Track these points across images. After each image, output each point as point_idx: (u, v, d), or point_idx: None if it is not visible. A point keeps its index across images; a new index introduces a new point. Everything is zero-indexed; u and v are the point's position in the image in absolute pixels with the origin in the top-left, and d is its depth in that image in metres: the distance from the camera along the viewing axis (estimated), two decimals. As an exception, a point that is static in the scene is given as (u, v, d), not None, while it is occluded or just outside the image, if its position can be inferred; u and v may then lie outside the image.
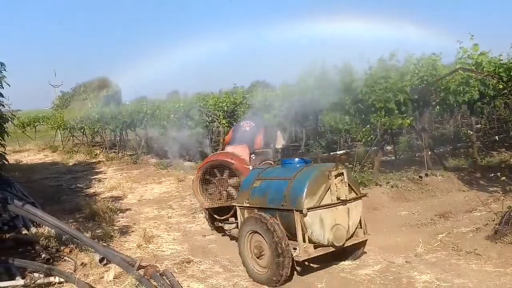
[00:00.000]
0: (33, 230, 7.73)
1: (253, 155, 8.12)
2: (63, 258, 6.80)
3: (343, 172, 5.75)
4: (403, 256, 6.40)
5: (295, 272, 6.10)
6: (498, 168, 10.64)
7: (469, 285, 5.25)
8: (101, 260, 6.39)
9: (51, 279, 5.70)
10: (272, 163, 7.42)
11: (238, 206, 6.57)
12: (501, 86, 8.39)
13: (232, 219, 7.38)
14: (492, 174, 10.44)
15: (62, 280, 5.71)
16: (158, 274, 5.68)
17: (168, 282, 5.51)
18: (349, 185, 5.86)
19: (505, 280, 5.32)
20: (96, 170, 18.34)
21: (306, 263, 6.25)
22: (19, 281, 5.59)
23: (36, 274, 5.69)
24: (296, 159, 6.50)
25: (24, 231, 7.75)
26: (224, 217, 7.51)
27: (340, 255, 6.22)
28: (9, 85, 7.94)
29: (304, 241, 5.61)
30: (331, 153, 13.98)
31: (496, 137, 14.52)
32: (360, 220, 6.18)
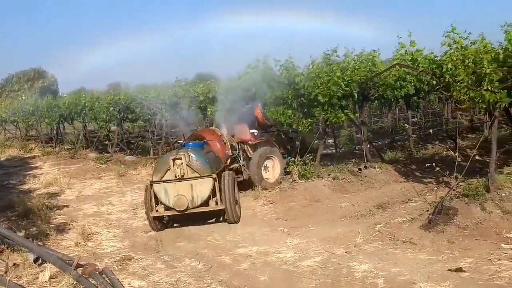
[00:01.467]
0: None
1: (255, 130, 10.30)
2: (-7, 260, 6.43)
3: (181, 157, 7.75)
4: (343, 246, 6.57)
5: (237, 266, 6.13)
6: (432, 160, 11.15)
7: (404, 273, 5.47)
8: (35, 260, 6.10)
9: (-21, 282, 5.37)
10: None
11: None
12: (434, 82, 8.76)
13: None
14: (428, 164, 10.95)
15: (-9, 282, 5.40)
16: (97, 272, 5.50)
17: (108, 281, 5.34)
18: (191, 168, 7.80)
19: (437, 267, 5.59)
20: (31, 165, 17.51)
21: (247, 255, 6.30)
22: None
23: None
24: (190, 143, 8.68)
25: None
26: None
27: (279, 250, 6.29)
28: None
29: (156, 204, 7.95)
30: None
31: (431, 130, 15.24)
32: (211, 194, 7.84)
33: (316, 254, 6.38)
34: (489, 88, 7.20)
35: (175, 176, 7.79)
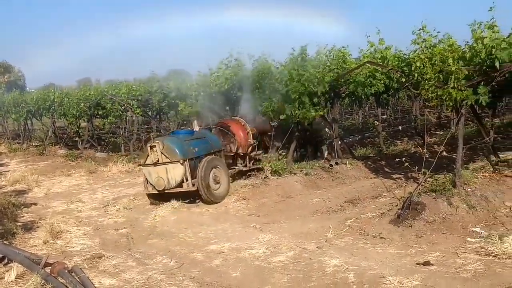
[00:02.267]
0: None
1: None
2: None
3: (156, 145, 8.83)
4: (315, 242, 6.64)
5: (209, 262, 6.14)
6: (401, 156, 11.35)
7: (374, 267, 5.57)
8: (1, 260, 5.94)
9: None
10: None
11: None
12: (403, 80, 8.93)
13: None
14: (397, 160, 11.15)
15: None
16: (66, 271, 5.40)
17: (77, 279, 5.26)
18: (164, 154, 8.81)
19: (406, 261, 5.72)
20: (-3, 162, 17.04)
21: (219, 252, 6.31)
22: None
23: None
24: (181, 131, 10.02)
25: None
26: None
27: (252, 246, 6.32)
28: None
29: (147, 183, 9.27)
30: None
31: (400, 127, 15.53)
32: (185, 177, 8.88)
33: (288, 249, 6.43)
34: (456, 86, 7.38)
35: (152, 161, 8.92)
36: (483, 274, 5.11)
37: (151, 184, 9.20)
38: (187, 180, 8.94)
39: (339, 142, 11.61)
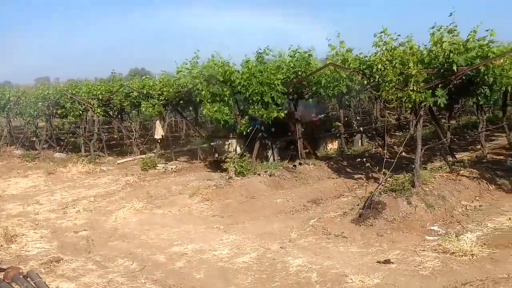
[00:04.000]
0: None
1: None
2: None
3: None
4: (279, 242, 6.67)
5: (172, 264, 6.06)
6: (362, 156, 11.56)
7: (336, 266, 5.65)
8: (-49, 266, 5.66)
9: None
10: None
11: None
12: (365, 82, 9.10)
13: None
14: (359, 160, 11.35)
15: None
16: (21, 276, 5.19)
17: (33, 284, 5.06)
18: None
19: (367, 259, 5.82)
20: None
21: (182, 253, 6.25)
22: None
23: None
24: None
25: None
26: None
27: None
28: None
29: None
30: (212, 143, 14.05)
31: (361, 128, 15.79)
32: None
33: (251, 250, 6.43)
34: (415, 88, 7.58)
35: None
36: (440, 271, 5.27)
37: None
38: None
39: (303, 143, 11.71)
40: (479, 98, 9.48)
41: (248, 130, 10.71)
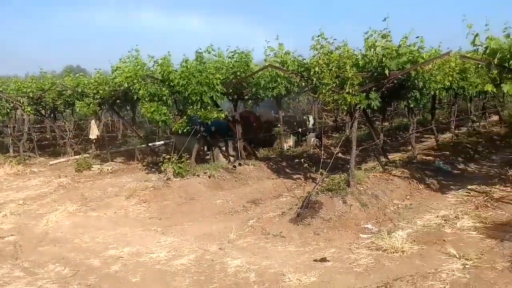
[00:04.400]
0: None
1: None
2: None
3: None
4: (217, 243, 6.65)
5: (107, 268, 5.87)
6: (301, 157, 11.79)
7: (274, 265, 5.71)
8: None
9: None
10: None
11: None
12: (303, 84, 9.29)
13: None
14: (297, 161, 11.56)
15: None
16: None
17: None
18: None
19: (304, 258, 5.93)
20: None
21: (118, 257, 6.06)
22: None
23: None
24: None
25: None
26: None
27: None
28: None
29: None
30: (150, 144, 13.79)
31: (300, 129, 16.08)
32: None
33: (190, 252, 6.36)
34: (350, 91, 7.83)
35: None
36: (373, 268, 5.47)
37: None
38: None
39: (243, 144, 11.75)
40: (410, 101, 9.91)
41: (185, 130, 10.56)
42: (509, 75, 7.06)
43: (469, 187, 9.00)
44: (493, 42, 6.84)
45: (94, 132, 13.34)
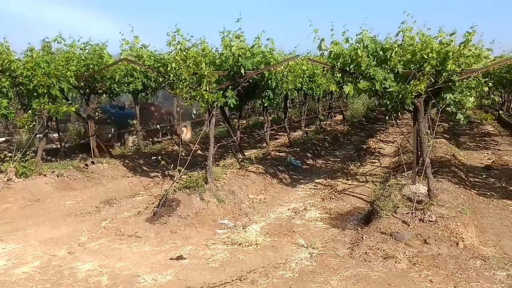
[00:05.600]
0: None
1: None
2: None
3: None
4: (66, 247, 6.18)
5: None
6: (159, 154, 11.59)
7: (129, 267, 5.50)
8: None
9: None
10: None
11: None
12: (161, 79, 9.11)
13: None
14: (154, 158, 11.32)
15: None
16: None
17: None
18: None
19: (160, 257, 5.82)
20: None
21: None
22: None
23: None
24: None
25: None
26: None
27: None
28: None
29: None
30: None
31: (159, 126, 15.78)
32: None
33: (34, 258, 5.81)
34: (208, 89, 7.89)
35: None
36: (229, 262, 5.59)
37: None
38: None
39: (96, 140, 11.13)
40: (264, 100, 10.36)
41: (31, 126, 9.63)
42: (349, 78, 7.76)
43: (316, 180, 9.74)
44: (336, 47, 7.44)
45: None
